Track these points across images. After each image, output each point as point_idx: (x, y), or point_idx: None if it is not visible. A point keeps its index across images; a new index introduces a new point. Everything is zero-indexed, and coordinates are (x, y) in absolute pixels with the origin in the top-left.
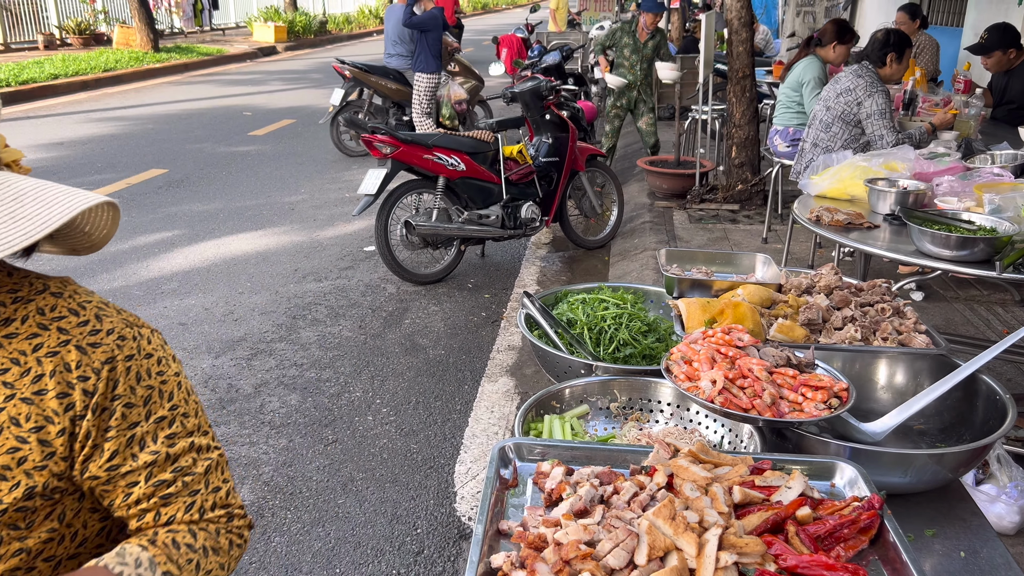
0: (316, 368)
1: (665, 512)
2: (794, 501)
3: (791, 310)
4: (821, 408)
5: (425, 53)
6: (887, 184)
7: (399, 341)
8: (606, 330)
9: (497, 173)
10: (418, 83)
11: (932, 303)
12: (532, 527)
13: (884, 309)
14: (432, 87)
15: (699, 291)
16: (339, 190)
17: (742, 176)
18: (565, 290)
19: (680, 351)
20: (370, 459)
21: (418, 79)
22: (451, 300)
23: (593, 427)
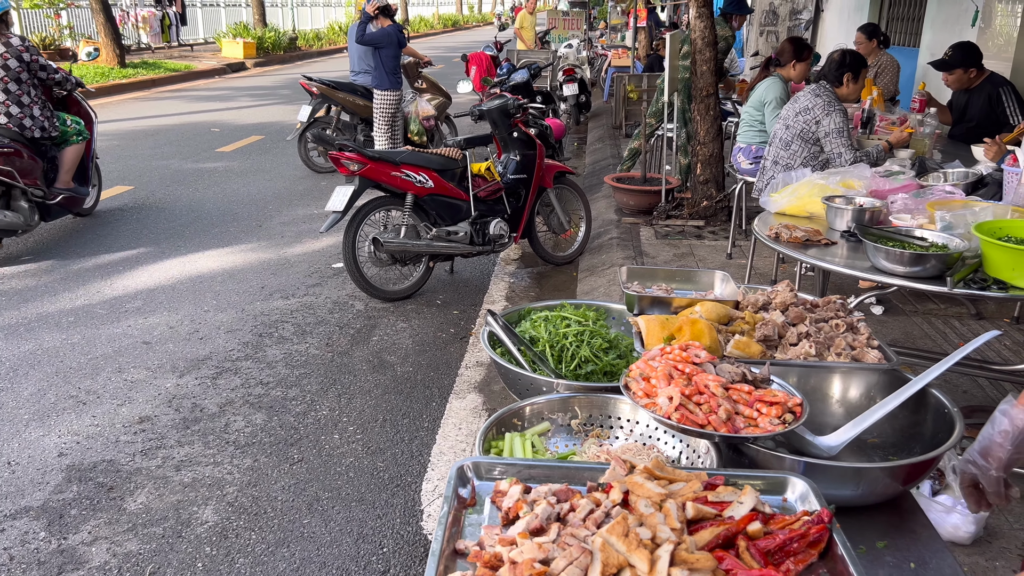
0: (282, 386)
1: (618, 529)
2: (745, 516)
3: (748, 326)
4: (776, 423)
5: (381, 70)
6: (844, 201)
7: (367, 358)
8: (568, 347)
9: (465, 190)
10: (376, 100)
11: (892, 317)
12: (489, 546)
13: (838, 325)
14: (390, 104)
15: (659, 308)
16: (307, 207)
17: (707, 193)
18: (528, 307)
19: (639, 368)
20: (336, 478)
21: (376, 96)
22: (419, 317)
23: (554, 444)
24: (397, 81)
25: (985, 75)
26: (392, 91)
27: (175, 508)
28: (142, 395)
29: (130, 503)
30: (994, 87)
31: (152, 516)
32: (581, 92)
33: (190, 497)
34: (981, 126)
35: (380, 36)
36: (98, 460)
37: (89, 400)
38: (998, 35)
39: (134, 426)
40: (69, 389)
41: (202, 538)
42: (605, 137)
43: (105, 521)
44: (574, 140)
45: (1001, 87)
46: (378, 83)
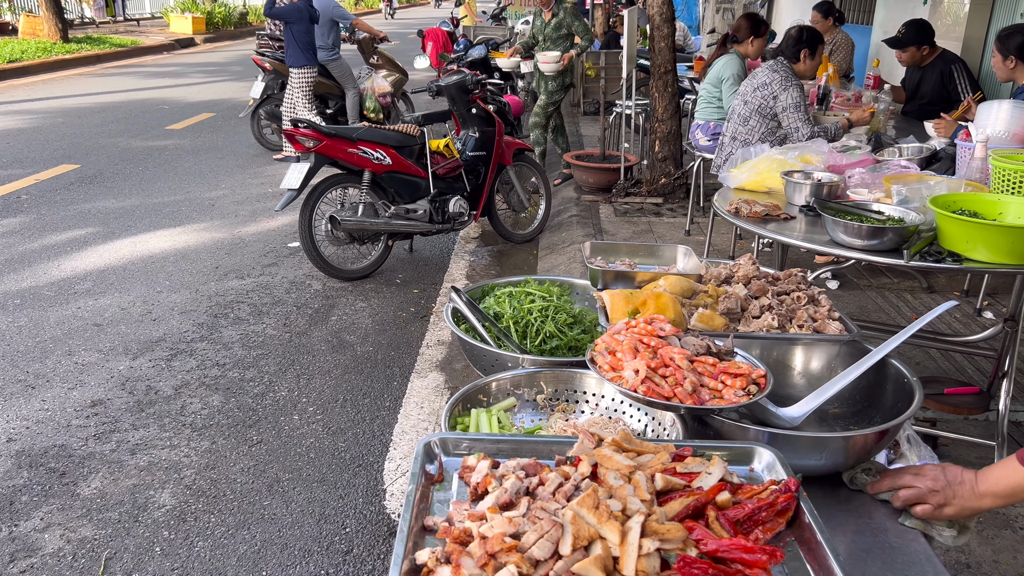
0: (239, 368)
1: (588, 501)
2: (714, 487)
3: (711, 300)
4: (740, 395)
5: (293, 46)
6: (802, 176)
7: (325, 338)
8: (532, 323)
9: (424, 167)
10: (291, 78)
11: (847, 291)
12: (458, 521)
13: (799, 298)
14: (306, 83)
15: (623, 283)
16: (261, 185)
17: (665, 170)
18: (492, 284)
19: (604, 342)
20: (296, 459)
21: (291, 74)
22: (379, 296)
23: (520, 419)
24: (312, 57)
25: (937, 52)
26: (308, 68)
27: (131, 492)
28: (94, 378)
29: (84, 488)
30: (946, 64)
31: (107, 501)
32: None
33: (146, 481)
34: (933, 103)
35: (289, 11)
36: (49, 445)
37: (38, 384)
38: (947, 14)
39: (86, 410)
40: (17, 373)
41: (159, 522)
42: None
43: (58, 507)
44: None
45: (953, 64)
46: (292, 60)
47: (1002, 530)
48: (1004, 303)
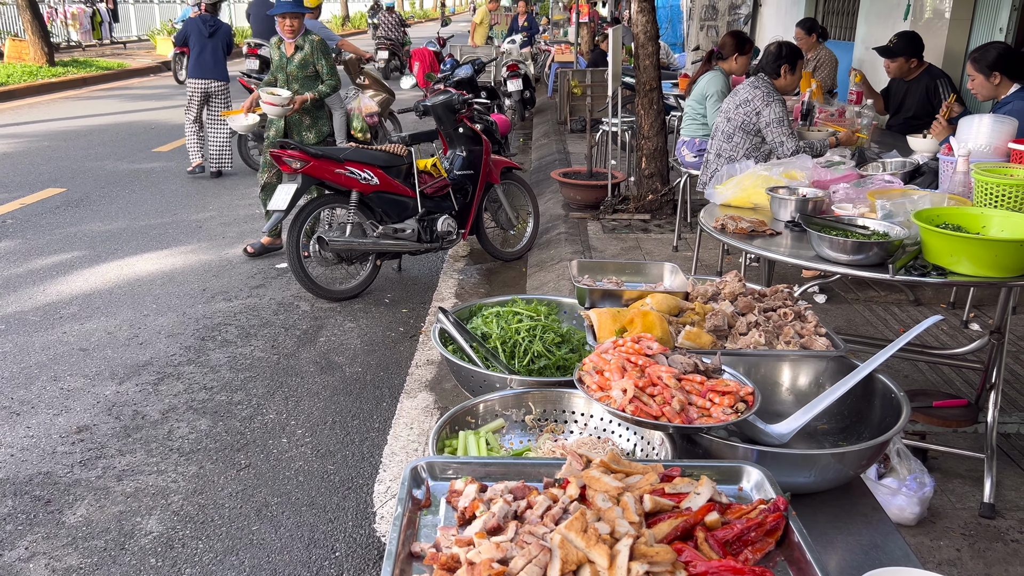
0: (227, 391)
1: (577, 525)
2: (703, 507)
3: (698, 317)
4: (728, 413)
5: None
6: (787, 192)
7: (314, 360)
8: (520, 343)
9: (412, 187)
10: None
11: (834, 305)
12: (445, 547)
13: (786, 314)
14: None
15: (610, 301)
16: (248, 206)
17: (652, 186)
18: (480, 304)
19: (592, 361)
20: (285, 483)
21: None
22: (367, 316)
23: (509, 440)
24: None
25: (924, 67)
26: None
27: (117, 519)
28: (80, 404)
29: (69, 516)
30: (932, 79)
31: (93, 529)
32: (525, 88)
33: (133, 507)
34: (918, 117)
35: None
36: (34, 473)
37: (23, 411)
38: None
39: (72, 436)
40: (1, 400)
41: (146, 549)
42: (551, 132)
43: (43, 536)
44: (520, 136)
45: (939, 79)
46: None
47: (993, 543)
48: (990, 315)
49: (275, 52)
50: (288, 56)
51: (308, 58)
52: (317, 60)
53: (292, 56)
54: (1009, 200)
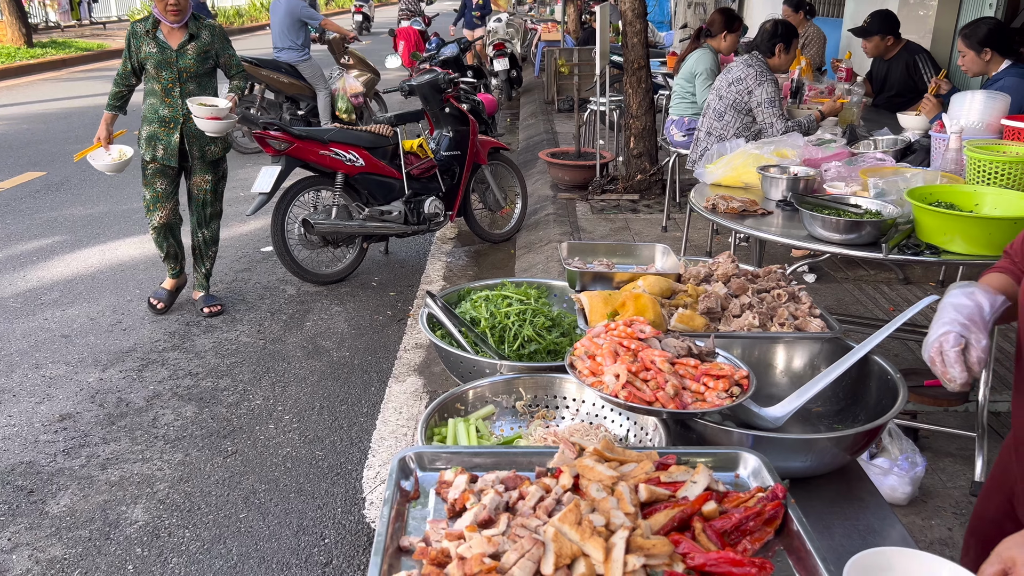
0: (212, 377)
1: (571, 517)
2: (700, 496)
3: (691, 299)
4: (723, 397)
5: None
6: (778, 171)
7: (301, 344)
8: (510, 327)
9: (398, 168)
10: None
11: (824, 284)
12: (435, 541)
13: (780, 295)
14: None
15: (601, 284)
16: (232, 189)
17: (641, 166)
18: (468, 287)
19: (583, 346)
20: (273, 469)
21: None
22: (354, 300)
23: (499, 427)
24: None
25: (902, 44)
26: None
27: (102, 509)
28: (62, 391)
29: (52, 506)
30: (911, 55)
31: (77, 518)
32: (512, 67)
33: (118, 496)
34: (901, 94)
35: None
36: (16, 462)
37: (4, 399)
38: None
39: (54, 424)
40: None
41: (132, 539)
42: (538, 112)
43: (26, 526)
44: (507, 116)
45: (917, 55)
46: None
47: None
48: None
49: (146, 43)
50: (176, 48)
51: (208, 49)
52: (222, 51)
53: (184, 47)
54: (1002, 177)
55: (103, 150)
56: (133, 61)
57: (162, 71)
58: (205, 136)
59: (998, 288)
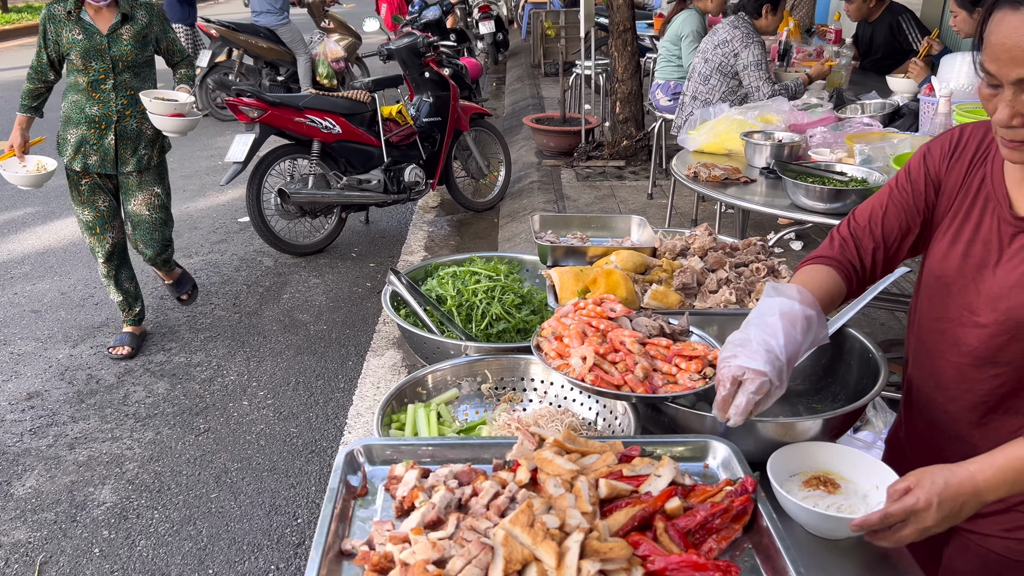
0: (186, 352)
1: (522, 519)
2: (663, 492)
3: (666, 275)
4: (696, 379)
5: None
6: (762, 137)
7: (277, 318)
8: (478, 305)
9: (376, 135)
10: None
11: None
12: (379, 544)
13: (759, 269)
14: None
15: (574, 258)
16: (210, 158)
17: (627, 132)
18: (436, 263)
19: (551, 326)
20: (246, 447)
21: None
22: (333, 271)
23: (463, 411)
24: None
25: (885, 5)
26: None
27: (68, 490)
28: (31, 368)
29: (18, 488)
30: (894, 16)
31: (43, 500)
32: (498, 30)
33: (85, 477)
34: (887, 56)
35: None
36: None
37: None
38: None
39: (22, 403)
40: None
41: (99, 521)
42: (524, 77)
43: None
44: (492, 80)
45: (900, 15)
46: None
47: None
48: None
49: (68, 29)
50: (107, 32)
51: (146, 32)
52: (163, 34)
53: (117, 31)
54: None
55: (16, 160)
56: (51, 51)
57: (91, 61)
58: (142, 137)
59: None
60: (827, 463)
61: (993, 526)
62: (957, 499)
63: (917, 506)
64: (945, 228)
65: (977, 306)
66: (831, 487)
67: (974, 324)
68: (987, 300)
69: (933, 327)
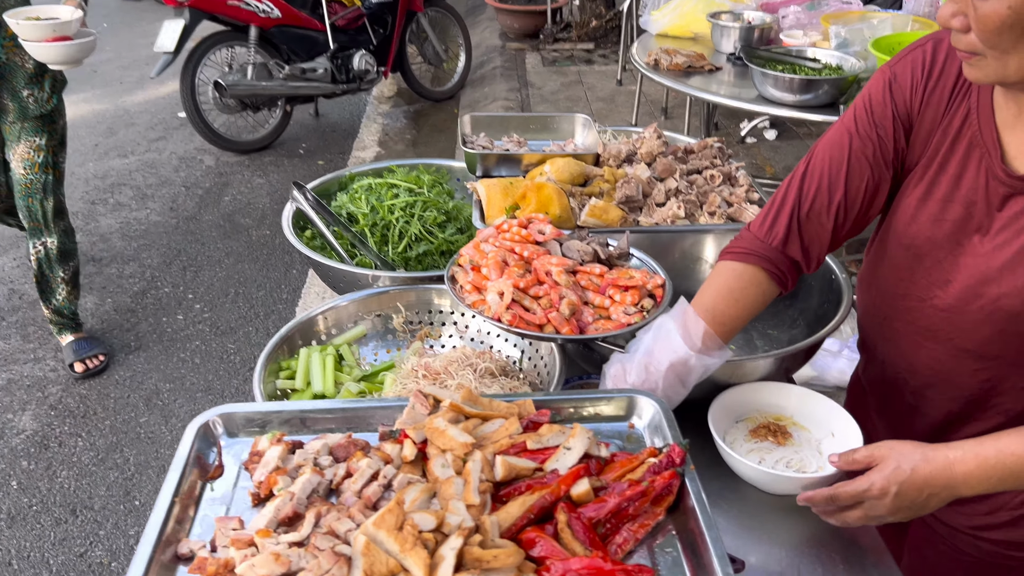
0: (117, 262)
1: (389, 520)
2: (571, 472)
3: (608, 186)
4: (632, 312)
5: None
6: (731, 18)
7: (216, 223)
8: (394, 224)
9: (320, 19)
10: None
11: (785, 141)
12: (221, 547)
13: (713, 176)
14: None
15: (507, 167)
16: (150, 46)
17: (596, 11)
18: (351, 173)
19: (468, 253)
20: (180, 366)
21: None
22: (279, 170)
23: (373, 351)
24: None
25: None
26: None
27: None
28: None
29: None
30: None
31: None
32: None
33: (4, 403)
34: None
35: None
36: None
37: None
38: None
39: None
40: None
41: (17, 451)
42: None
43: None
44: None
45: None
46: None
47: None
48: None
49: None
50: None
51: None
52: None
53: None
54: None
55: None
56: None
57: None
58: (20, 76)
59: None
60: (779, 406)
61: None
62: (923, 491)
63: (870, 493)
64: (916, 180)
65: (955, 286)
66: (781, 437)
67: (950, 308)
68: (969, 281)
69: (898, 304)
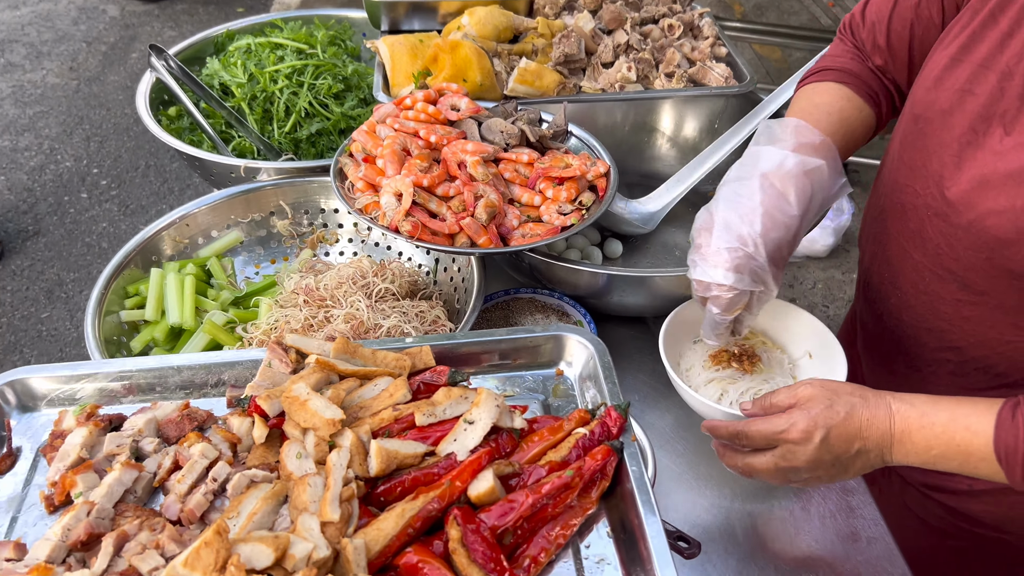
0: (10, 134)
1: (206, 558)
2: (469, 463)
3: (543, 42)
4: (568, 211)
5: None
6: None
7: (123, 84)
8: (278, 96)
9: None
10: None
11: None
12: None
13: (672, 27)
14: None
15: (420, 18)
16: None
17: None
18: (229, 30)
19: (361, 140)
20: (85, 252)
21: None
22: (193, 20)
23: (252, 262)
24: None
25: None
26: None
27: None
28: None
29: None
30: None
31: None
32: None
33: None
34: None
35: None
36: None
37: None
38: None
39: None
40: None
41: None
42: None
43: None
44: None
45: None
46: None
47: None
48: None
49: None
50: None
51: None
52: None
53: None
54: None
55: None
56: None
57: None
58: None
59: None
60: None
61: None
62: (852, 442)
63: (788, 435)
64: (957, 31)
65: (953, 189)
66: (747, 363)
67: (942, 215)
68: (969, 184)
69: (895, 197)
